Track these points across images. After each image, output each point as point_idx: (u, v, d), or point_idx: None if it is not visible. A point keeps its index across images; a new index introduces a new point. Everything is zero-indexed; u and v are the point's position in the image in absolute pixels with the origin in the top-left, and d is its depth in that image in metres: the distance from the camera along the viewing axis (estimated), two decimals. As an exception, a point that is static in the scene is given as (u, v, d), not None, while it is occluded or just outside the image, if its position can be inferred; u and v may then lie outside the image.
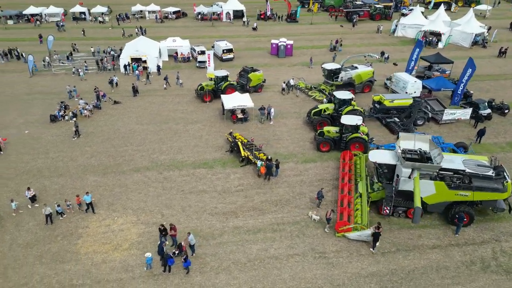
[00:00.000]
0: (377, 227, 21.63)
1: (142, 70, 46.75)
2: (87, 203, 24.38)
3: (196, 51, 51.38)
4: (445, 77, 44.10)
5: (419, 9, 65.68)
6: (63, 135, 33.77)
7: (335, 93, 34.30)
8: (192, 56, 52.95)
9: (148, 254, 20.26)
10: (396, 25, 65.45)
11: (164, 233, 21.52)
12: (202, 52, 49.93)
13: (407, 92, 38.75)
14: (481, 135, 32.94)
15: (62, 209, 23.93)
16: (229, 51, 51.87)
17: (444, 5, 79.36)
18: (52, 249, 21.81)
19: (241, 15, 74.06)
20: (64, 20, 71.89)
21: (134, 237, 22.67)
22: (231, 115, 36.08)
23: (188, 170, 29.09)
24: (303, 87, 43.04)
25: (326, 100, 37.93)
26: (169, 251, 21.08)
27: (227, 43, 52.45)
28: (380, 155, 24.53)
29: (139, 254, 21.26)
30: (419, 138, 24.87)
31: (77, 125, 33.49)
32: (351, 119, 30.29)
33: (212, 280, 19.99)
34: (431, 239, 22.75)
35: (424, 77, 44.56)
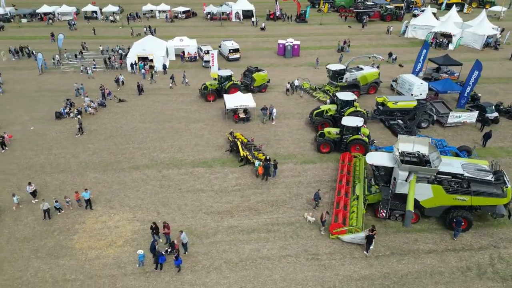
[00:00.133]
0: (371, 230, 21.39)
1: (149, 69, 47.15)
2: (86, 199, 24.69)
3: (203, 51, 51.59)
4: (454, 80, 43.39)
5: (430, 10, 64.59)
6: (67, 132, 34.30)
7: (337, 94, 34.06)
8: (199, 55, 53.18)
9: (140, 251, 20.44)
10: (406, 26, 64.62)
11: (155, 231, 21.64)
12: (208, 52, 50.07)
13: (412, 94, 38.20)
14: (487, 138, 32.27)
15: (60, 204, 24.30)
16: (235, 51, 51.96)
17: (457, 6, 78.37)
18: (48, 244, 22.17)
19: (251, 15, 74.09)
20: (76, 19, 73.07)
21: (129, 234, 22.88)
22: (233, 115, 36.14)
23: (187, 168, 29.23)
24: (308, 87, 42.84)
25: (329, 101, 37.66)
26: (162, 249, 21.25)
27: (233, 43, 52.55)
28: (377, 157, 24.24)
29: (132, 251, 21.44)
30: (418, 141, 24.50)
31: (80, 123, 33.98)
32: (352, 120, 30.02)
33: (203, 279, 20.04)
34: (427, 243, 22.38)
35: (431, 79, 43.89)
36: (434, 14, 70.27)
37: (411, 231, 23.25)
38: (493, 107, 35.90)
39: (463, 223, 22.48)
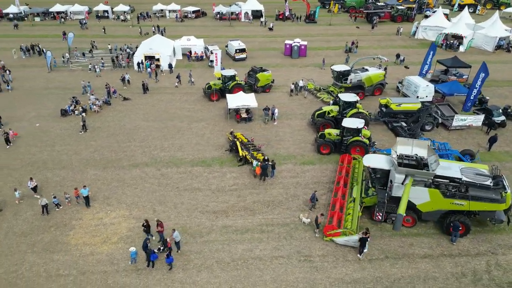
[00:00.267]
0: (365, 233, 21.14)
1: (155, 68, 47.53)
2: (84, 196, 24.99)
3: (209, 50, 51.78)
4: (462, 82, 42.61)
5: (441, 11, 63.52)
6: (71, 129, 34.82)
7: (339, 95, 33.80)
8: (206, 55, 53.39)
9: (132, 249, 20.62)
10: (417, 27, 63.71)
11: (146, 229, 21.80)
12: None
13: (418, 97, 37.64)
14: (492, 142, 31.60)
15: (58, 200, 24.68)
16: (241, 50, 51.99)
17: (470, 8, 77.16)
18: (45, 239, 22.54)
19: (260, 15, 74.06)
20: (88, 18, 74.13)
21: (124, 231, 23.11)
22: (235, 115, 36.17)
23: (185, 167, 29.37)
24: (312, 88, 42.60)
25: (332, 102, 37.39)
26: (155, 246, 21.41)
27: (240, 43, 52.59)
28: (374, 160, 23.95)
29: (126, 248, 21.60)
30: (417, 144, 24.13)
31: (84, 120, 34.46)
32: (353, 122, 29.74)
33: (194, 278, 20.10)
34: (423, 248, 22.02)
35: (438, 81, 43.17)
36: (446, 15, 69.19)
37: (407, 235, 22.93)
38: (500, 110, 35.12)
39: (460, 228, 22.05)
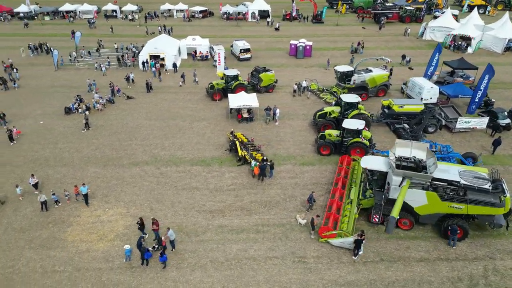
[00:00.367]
0: (360, 235, 20.98)
1: (159, 67, 47.80)
2: (83, 194, 25.21)
3: (214, 50, 51.84)
4: (469, 84, 42.02)
5: (450, 12, 62.70)
6: (74, 127, 35.20)
7: (341, 96, 33.59)
8: (211, 55, 53.51)
9: (127, 246, 20.74)
10: (425, 28, 63.02)
11: (140, 227, 21.93)
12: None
13: (422, 98, 37.21)
14: (496, 145, 31.11)
15: (57, 197, 24.96)
16: (246, 50, 52.01)
17: (480, 9, 76.05)
18: (43, 235, 22.82)
19: (267, 15, 73.99)
20: (96, 17, 74.93)
21: (120, 229, 23.28)
22: (237, 114, 36.19)
23: (185, 166, 29.47)
24: (315, 89, 42.41)
25: (334, 102, 37.17)
26: (150, 245, 21.52)
27: (245, 43, 52.61)
28: (372, 161, 23.73)
29: (122, 246, 21.70)
30: (416, 146, 23.83)
31: (87, 118, 34.79)
32: (353, 123, 29.53)
33: (187, 277, 20.16)
34: (419, 251, 21.75)
35: (444, 82, 42.64)
36: (455, 16, 68.31)
37: (404, 238, 22.69)
38: (506, 113, 34.56)
39: (458, 232, 21.74)
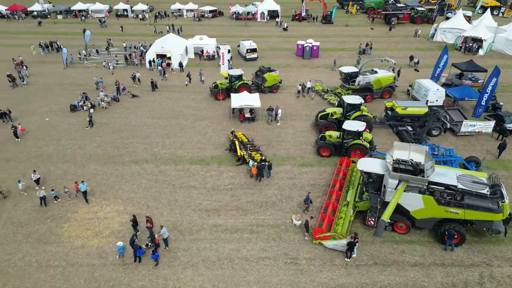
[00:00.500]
0: (354, 237, 20.77)
1: (166, 66, 48.14)
2: (82, 191, 25.51)
3: (221, 50, 51.96)
4: (477, 87, 41.20)
5: (461, 13, 61.59)
6: (78, 124, 35.70)
7: (343, 97, 33.32)
8: (218, 54, 53.61)
9: (119, 243, 20.94)
10: (435, 29, 62.04)
11: (133, 224, 22.11)
12: (227, 51, 50.47)
13: (428, 101, 36.64)
14: (501, 149, 30.45)
15: (56, 193, 25.34)
16: (253, 50, 51.99)
17: (495, 10, 74.60)
18: (40, 230, 23.20)
19: (276, 15, 73.88)
20: (108, 16, 75.87)
21: (116, 225, 23.51)
22: (239, 114, 36.20)
23: (184, 165, 29.61)
24: (320, 89, 42.15)
25: (337, 104, 36.87)
26: (143, 242, 21.70)
27: (251, 43, 52.60)
28: (369, 164, 23.47)
29: (116, 243, 21.86)
30: (414, 149, 23.44)
31: (91, 116, 35.28)
32: (353, 124, 29.26)
33: (178, 275, 20.25)
34: (414, 256, 21.42)
35: (451, 85, 41.90)
36: (468, 17, 67.16)
37: (399, 241, 22.38)
38: (513, 117, 33.82)
39: (455, 236, 21.35)
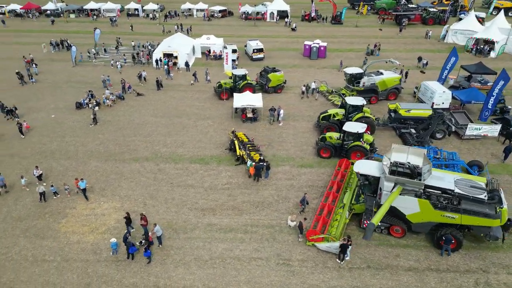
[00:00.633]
0: (347, 240, 20.54)
1: (172, 65, 48.48)
2: (82, 188, 25.81)
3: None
4: (486, 89, 40.32)
5: (474, 14, 60.44)
6: (83, 121, 36.20)
7: (346, 99, 33.04)
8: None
9: (113, 240, 21.14)
10: (447, 31, 61.03)
11: (127, 221, 22.30)
12: (233, 51, 50.62)
13: (433, 103, 36.06)
14: (507, 152, 29.80)
15: (56, 189, 25.74)
16: (259, 50, 51.97)
17: (510, 11, 72.99)
18: (38, 225, 23.59)
19: (286, 16, 73.71)
20: (119, 15, 76.85)
21: (112, 222, 23.75)
22: (242, 114, 36.21)
23: (183, 164, 29.75)
24: (325, 90, 41.88)
25: (340, 105, 36.59)
26: (137, 239, 21.87)
27: (258, 43, 52.59)
28: (365, 166, 23.18)
29: (110, 239, 22.17)
30: (412, 152, 23.05)
31: (95, 113, 35.73)
32: (354, 126, 28.98)
33: (169, 273, 20.34)
34: (409, 260, 21.09)
35: (459, 87, 41.17)
36: (482, 19, 65.96)
37: (395, 245, 22.06)
38: (521, 121, 33.07)
39: (453, 241, 20.94)
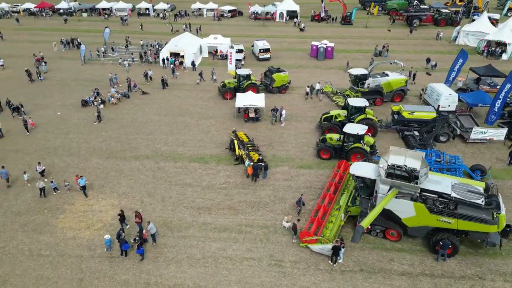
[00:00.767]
0: (340, 242, 20.35)
1: (178, 65, 48.79)
2: (81, 186, 26.12)
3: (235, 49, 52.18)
4: (495, 92, 39.48)
5: (486, 15, 59.25)
6: (88, 119, 36.70)
7: (348, 100, 32.74)
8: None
9: (107, 236, 21.36)
10: (458, 32, 59.97)
11: (120, 218, 22.50)
12: (239, 51, 50.73)
13: (439, 105, 35.47)
14: (513, 157, 29.23)
15: (55, 184, 26.14)
16: (265, 50, 51.93)
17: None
18: (37, 220, 23.99)
19: (295, 16, 73.48)
20: (130, 15, 77.73)
21: (109, 219, 24.00)
22: (244, 114, 36.21)
23: (183, 162, 29.89)
24: (329, 91, 41.59)
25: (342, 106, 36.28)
26: (132, 236, 22.06)
27: (265, 43, 52.55)
28: (362, 168, 22.95)
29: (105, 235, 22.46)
30: (410, 155, 22.66)
31: (99, 111, 36.17)
32: (354, 128, 28.69)
33: (161, 270, 20.45)
34: (403, 264, 20.77)
35: (466, 90, 40.40)
36: (496, 20, 64.74)
37: (390, 249, 21.76)
38: (528, 125, 32.27)
39: (450, 246, 20.54)
